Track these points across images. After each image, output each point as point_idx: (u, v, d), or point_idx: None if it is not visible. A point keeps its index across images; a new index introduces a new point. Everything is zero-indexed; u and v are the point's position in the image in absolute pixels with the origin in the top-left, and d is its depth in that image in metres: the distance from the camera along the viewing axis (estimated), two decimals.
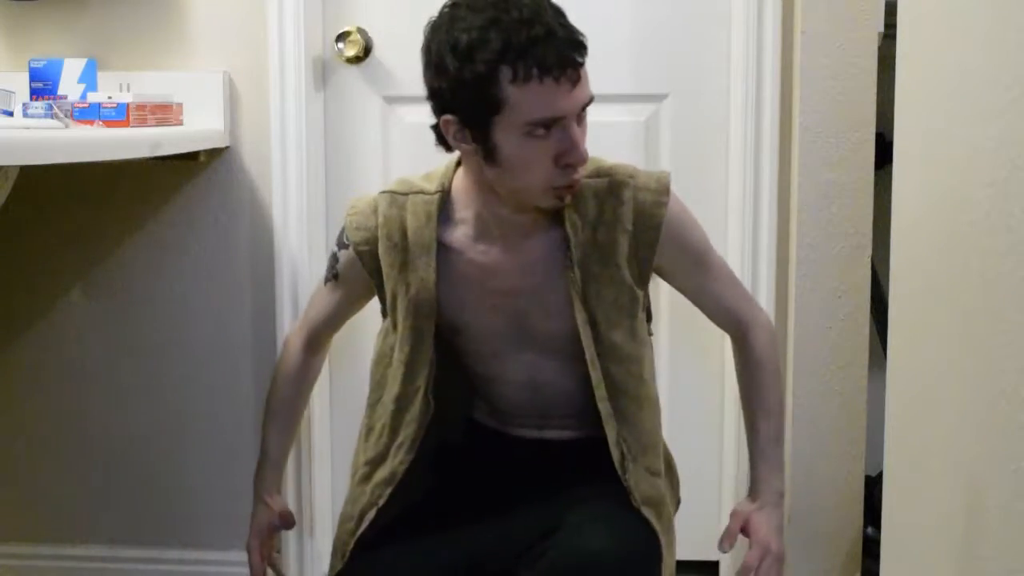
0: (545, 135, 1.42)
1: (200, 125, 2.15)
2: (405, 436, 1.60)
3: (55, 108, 1.90)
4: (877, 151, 2.05)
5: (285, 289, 2.20)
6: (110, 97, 1.97)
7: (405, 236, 1.58)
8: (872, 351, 2.12)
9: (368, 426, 1.66)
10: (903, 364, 1.56)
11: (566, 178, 1.46)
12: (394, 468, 1.60)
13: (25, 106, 1.91)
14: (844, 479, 2.12)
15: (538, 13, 1.40)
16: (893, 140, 1.57)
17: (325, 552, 2.30)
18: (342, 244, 1.66)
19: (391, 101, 2.24)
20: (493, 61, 1.39)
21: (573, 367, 1.60)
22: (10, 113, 1.93)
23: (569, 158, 1.44)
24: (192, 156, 2.11)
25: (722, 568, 2.26)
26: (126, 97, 1.97)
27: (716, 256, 1.69)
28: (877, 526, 1.76)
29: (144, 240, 2.22)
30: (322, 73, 2.24)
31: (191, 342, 2.24)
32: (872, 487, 2.14)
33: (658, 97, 2.21)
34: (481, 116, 1.43)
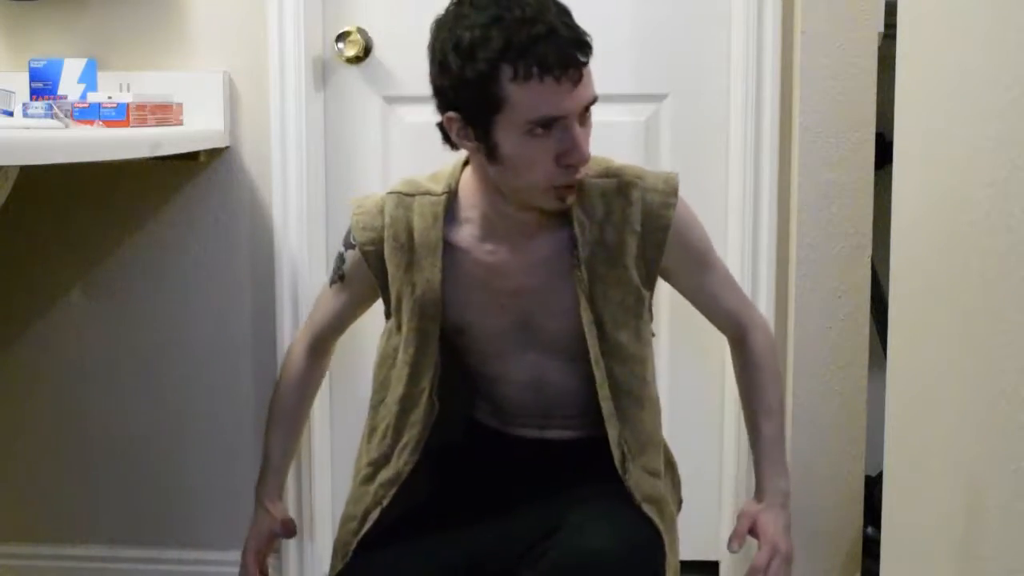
0: (546, 134, 1.42)
1: (200, 125, 2.15)
2: (409, 437, 1.60)
3: (55, 108, 1.90)
4: (877, 151, 2.05)
5: (285, 289, 2.20)
6: (110, 97, 1.97)
7: (411, 237, 1.58)
8: (872, 351, 2.12)
9: (371, 427, 1.65)
10: (903, 364, 1.56)
11: (567, 178, 1.46)
12: (398, 469, 1.60)
13: (25, 106, 1.92)
14: (844, 479, 2.12)
15: (541, 12, 1.40)
16: (893, 140, 1.57)
17: (325, 553, 2.30)
18: (349, 244, 1.66)
19: (391, 101, 2.24)
20: (494, 59, 1.38)
21: (577, 367, 1.60)
22: (10, 113, 1.93)
23: (570, 158, 1.44)
24: (192, 156, 2.11)
25: (722, 568, 2.25)
26: (126, 97, 1.97)
27: (717, 257, 1.69)
28: (877, 526, 1.76)
29: (144, 240, 2.22)
30: (322, 73, 2.24)
31: (191, 342, 2.24)
32: (872, 487, 2.14)
33: (658, 97, 2.21)
34: (483, 114, 1.43)
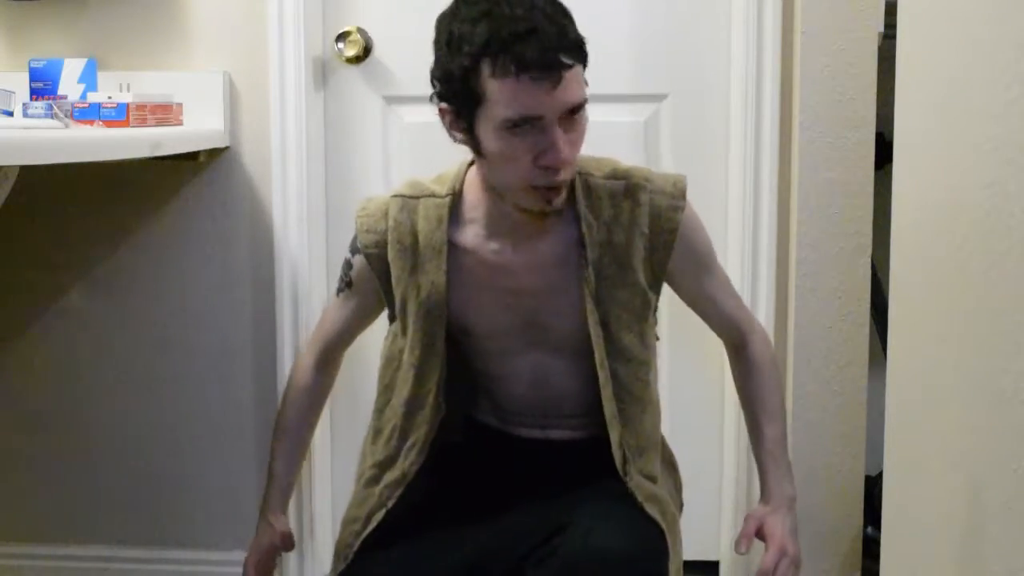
0: (524, 133, 1.41)
1: (200, 125, 2.15)
2: (416, 438, 1.60)
3: (55, 108, 1.90)
4: (877, 151, 2.05)
5: (285, 289, 2.20)
6: (110, 97, 1.97)
7: (416, 240, 1.58)
8: (872, 351, 2.12)
9: (376, 429, 1.65)
10: (903, 364, 1.56)
11: (546, 179, 1.44)
12: (404, 470, 1.60)
13: (25, 106, 1.92)
14: (844, 479, 2.12)
15: (531, 10, 1.39)
16: (893, 140, 1.57)
17: (325, 554, 2.30)
18: (354, 249, 1.66)
19: (391, 101, 2.24)
20: (476, 54, 1.39)
21: (580, 367, 1.60)
22: (10, 113, 1.93)
23: (546, 159, 1.42)
24: (192, 156, 2.10)
25: (722, 568, 2.25)
26: (126, 97, 1.97)
27: (718, 262, 1.69)
28: (877, 526, 1.76)
29: (144, 240, 2.22)
30: (322, 73, 2.24)
31: (191, 342, 2.24)
32: (872, 487, 2.14)
33: (658, 97, 2.21)
34: (467, 108, 1.44)
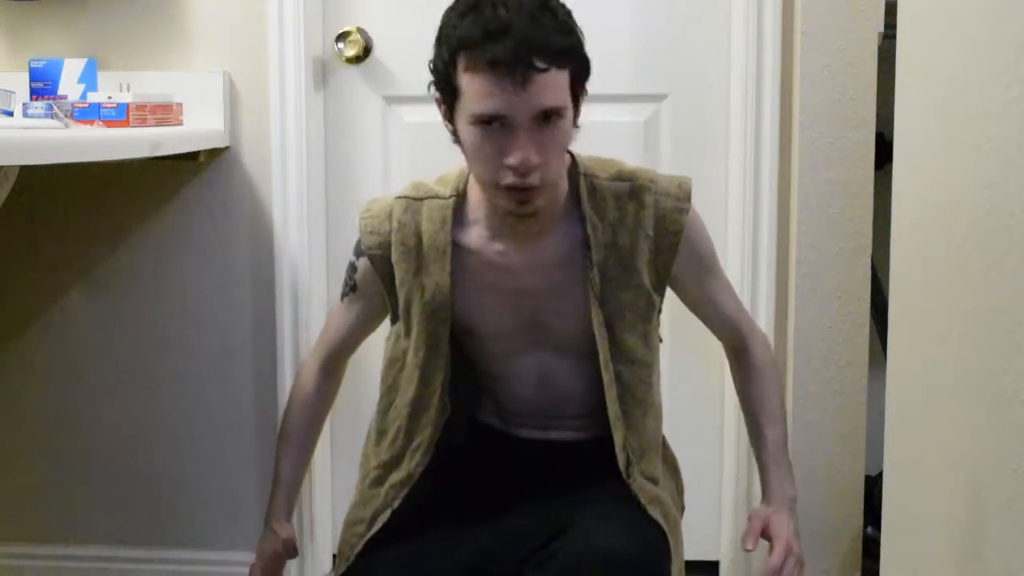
0: (492, 131, 1.42)
1: (200, 125, 2.15)
2: (422, 439, 1.60)
3: (55, 108, 1.90)
4: (877, 151, 2.05)
5: (285, 289, 2.20)
6: (110, 97, 1.97)
7: (420, 241, 1.58)
8: (872, 351, 2.12)
9: (379, 430, 1.65)
10: (903, 364, 1.56)
11: (513, 179, 1.44)
12: (410, 470, 1.60)
13: (25, 106, 1.92)
14: (844, 479, 2.12)
15: (517, 10, 1.39)
16: (893, 140, 1.57)
17: (325, 555, 2.30)
18: (359, 251, 1.65)
19: (391, 101, 2.24)
20: (454, 48, 1.41)
21: (583, 368, 1.60)
22: (10, 113, 1.93)
23: (509, 159, 1.42)
24: (192, 156, 2.10)
25: (722, 568, 2.25)
26: (126, 97, 1.97)
27: (720, 265, 1.69)
28: (877, 526, 1.76)
29: (144, 240, 2.22)
30: (322, 73, 2.24)
31: (191, 342, 2.24)
32: (872, 487, 2.14)
33: (658, 97, 2.21)
34: (449, 101, 1.46)
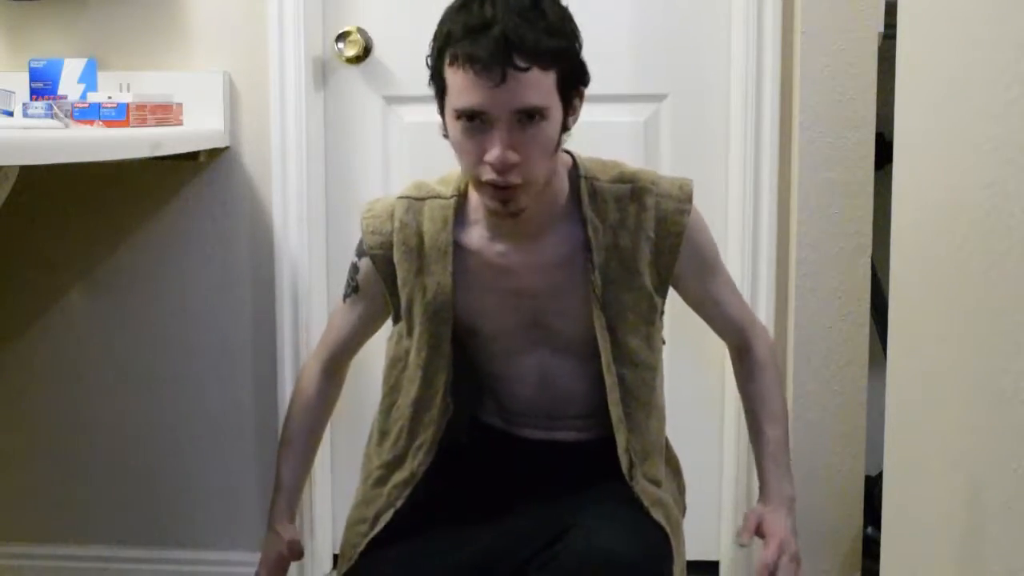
0: (473, 127, 1.43)
1: (200, 125, 2.15)
2: (424, 438, 1.60)
3: (55, 108, 1.90)
4: (877, 151, 2.05)
5: (285, 289, 2.20)
6: (110, 97, 1.97)
7: (422, 241, 1.58)
8: (872, 351, 2.12)
9: (382, 430, 1.65)
10: (903, 364, 1.56)
11: (492, 176, 1.44)
12: (413, 470, 1.60)
13: (25, 106, 1.92)
14: (844, 479, 2.12)
15: (504, 9, 1.40)
16: (893, 140, 1.57)
17: (325, 555, 2.30)
18: (360, 252, 1.65)
19: (391, 101, 2.24)
20: (441, 44, 1.43)
21: (586, 368, 1.60)
22: (10, 113, 1.93)
23: (486, 156, 1.43)
24: (192, 156, 2.11)
25: (722, 568, 2.25)
26: (126, 97, 1.97)
27: (723, 264, 1.69)
28: (877, 526, 1.76)
29: (144, 240, 2.22)
30: (322, 73, 2.24)
31: (191, 342, 2.24)
32: (872, 487, 2.14)
33: (658, 97, 2.21)
34: (439, 95, 1.47)
